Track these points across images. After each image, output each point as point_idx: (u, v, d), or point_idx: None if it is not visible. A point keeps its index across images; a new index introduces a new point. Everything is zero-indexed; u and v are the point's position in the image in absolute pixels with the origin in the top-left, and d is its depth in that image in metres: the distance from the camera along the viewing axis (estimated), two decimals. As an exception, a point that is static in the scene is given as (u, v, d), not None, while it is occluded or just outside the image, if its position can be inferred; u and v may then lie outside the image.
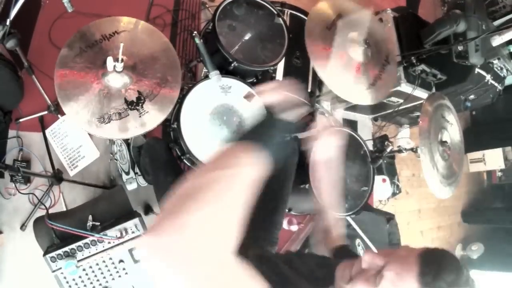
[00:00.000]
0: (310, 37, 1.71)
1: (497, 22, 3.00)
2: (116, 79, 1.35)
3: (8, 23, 1.20)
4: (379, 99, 1.90)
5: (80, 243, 1.30)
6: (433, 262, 0.67)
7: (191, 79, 2.22)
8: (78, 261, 1.30)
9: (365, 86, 1.83)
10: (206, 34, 1.82)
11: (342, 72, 1.77)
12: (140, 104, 1.36)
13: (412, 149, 1.99)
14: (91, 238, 1.31)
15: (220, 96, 1.56)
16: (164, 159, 1.45)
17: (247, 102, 1.60)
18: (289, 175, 1.50)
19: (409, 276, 0.66)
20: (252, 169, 0.58)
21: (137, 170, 1.90)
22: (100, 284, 1.35)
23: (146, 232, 0.57)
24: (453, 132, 1.98)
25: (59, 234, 1.33)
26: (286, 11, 1.99)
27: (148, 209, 1.94)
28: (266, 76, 1.86)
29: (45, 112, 1.82)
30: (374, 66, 1.91)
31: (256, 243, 1.23)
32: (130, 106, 1.35)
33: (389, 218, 2.69)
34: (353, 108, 2.90)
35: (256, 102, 1.03)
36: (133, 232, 1.36)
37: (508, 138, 3.77)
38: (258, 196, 1.33)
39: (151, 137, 1.51)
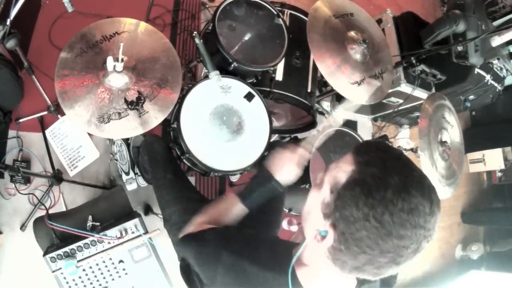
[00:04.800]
0: (312, 40, 1.72)
1: (496, 22, 3.01)
2: (116, 79, 1.35)
3: (8, 23, 1.20)
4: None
5: (80, 243, 1.30)
6: (367, 142, 0.75)
7: (191, 79, 2.22)
8: (78, 261, 1.30)
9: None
10: (206, 34, 1.82)
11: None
12: (140, 104, 1.36)
13: (412, 149, 1.99)
14: (91, 238, 1.31)
15: (220, 96, 1.56)
16: (163, 156, 1.45)
17: (247, 102, 1.61)
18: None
19: (346, 156, 0.67)
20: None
21: (137, 170, 1.90)
22: (100, 285, 1.35)
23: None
24: (453, 132, 1.98)
25: (59, 234, 1.33)
26: (286, 12, 1.99)
27: (148, 209, 1.94)
28: (266, 77, 1.86)
29: (45, 112, 1.82)
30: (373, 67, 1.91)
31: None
32: (130, 106, 1.35)
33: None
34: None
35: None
36: (133, 233, 1.36)
37: (508, 138, 3.76)
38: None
39: (149, 134, 1.51)
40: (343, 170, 0.65)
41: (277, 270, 0.75)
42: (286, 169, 0.98)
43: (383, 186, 0.58)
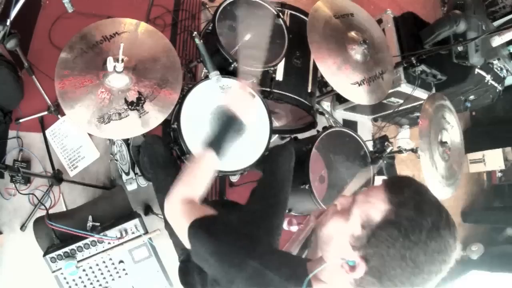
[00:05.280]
0: (313, 40, 1.72)
1: (497, 23, 3.00)
2: (117, 79, 1.35)
3: (8, 23, 1.20)
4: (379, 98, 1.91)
5: (80, 243, 1.30)
6: (398, 179, 0.73)
7: (191, 80, 2.22)
8: (78, 261, 1.30)
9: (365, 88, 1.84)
10: (206, 34, 1.82)
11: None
12: (140, 105, 1.36)
13: (412, 150, 1.99)
14: (91, 238, 1.31)
15: (220, 97, 1.56)
16: (163, 158, 1.43)
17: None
18: (286, 180, 1.50)
19: (377, 191, 0.70)
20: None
21: (137, 170, 1.90)
22: (100, 285, 1.35)
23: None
24: (453, 132, 1.98)
25: (59, 235, 1.33)
26: (286, 12, 1.99)
27: (148, 210, 1.94)
28: (266, 77, 1.86)
29: (45, 113, 1.82)
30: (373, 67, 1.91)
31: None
32: (130, 107, 1.35)
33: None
34: (353, 108, 2.90)
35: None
36: (133, 233, 1.36)
37: (508, 138, 3.76)
38: (256, 203, 1.37)
39: (149, 135, 1.50)
40: (377, 208, 0.68)
41: (295, 282, 0.76)
42: (240, 102, 1.05)
43: (418, 229, 0.64)
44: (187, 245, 0.82)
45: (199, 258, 0.82)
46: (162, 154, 1.43)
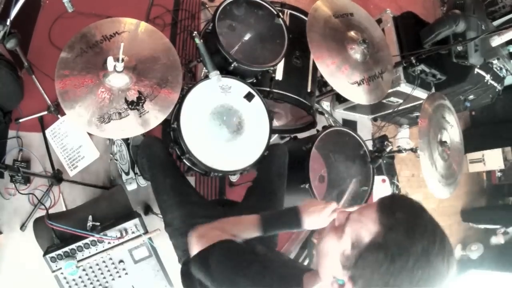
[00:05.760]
0: (312, 39, 1.72)
1: (496, 22, 3.01)
2: (117, 79, 1.35)
3: (8, 23, 1.20)
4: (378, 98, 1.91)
5: (80, 243, 1.31)
6: (392, 199, 0.71)
7: (191, 79, 2.22)
8: (78, 261, 1.30)
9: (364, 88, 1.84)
10: (206, 34, 1.82)
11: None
12: (141, 104, 1.36)
13: (411, 149, 2.00)
14: (91, 238, 1.31)
15: (220, 96, 1.56)
16: (162, 159, 1.43)
17: (247, 102, 1.61)
18: (281, 177, 1.51)
19: (369, 210, 0.69)
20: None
21: (137, 170, 1.90)
22: (100, 285, 1.35)
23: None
24: (452, 132, 1.98)
25: (59, 234, 1.33)
26: (286, 11, 1.99)
27: (148, 209, 1.94)
28: (266, 76, 1.86)
29: (45, 112, 1.82)
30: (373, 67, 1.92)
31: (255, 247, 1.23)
32: (130, 106, 1.35)
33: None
34: (353, 108, 2.90)
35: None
36: (133, 232, 1.36)
37: (507, 138, 3.77)
38: (253, 200, 1.38)
39: (147, 136, 1.48)
40: (367, 228, 0.66)
41: None
42: (315, 219, 0.98)
43: (406, 255, 0.61)
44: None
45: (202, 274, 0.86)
46: (160, 156, 1.43)
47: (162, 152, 1.45)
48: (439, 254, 0.62)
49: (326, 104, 2.80)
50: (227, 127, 1.53)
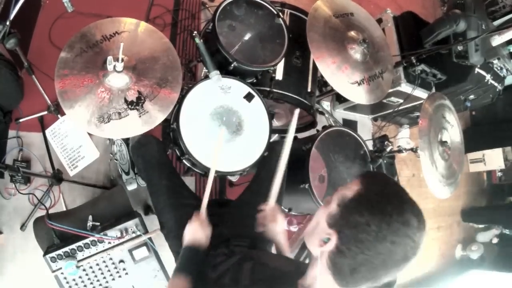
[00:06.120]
0: (312, 39, 1.72)
1: (497, 22, 3.00)
2: (116, 79, 1.35)
3: (8, 23, 1.20)
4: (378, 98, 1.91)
5: (80, 243, 1.30)
6: (373, 172, 0.81)
7: (191, 79, 2.22)
8: (78, 261, 1.30)
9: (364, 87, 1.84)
10: (206, 34, 1.82)
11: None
12: (140, 104, 1.36)
13: (412, 149, 1.99)
14: (91, 238, 1.31)
15: (220, 96, 1.56)
16: (157, 160, 1.41)
17: (247, 102, 1.60)
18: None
19: (353, 181, 0.79)
20: None
21: (137, 170, 1.90)
22: (100, 285, 1.35)
23: None
24: (453, 132, 1.98)
25: (59, 234, 1.33)
26: (286, 11, 1.99)
27: (148, 209, 1.94)
28: (266, 76, 1.86)
29: (45, 112, 1.82)
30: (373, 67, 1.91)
31: (252, 244, 1.23)
32: (130, 106, 1.35)
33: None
34: (353, 108, 2.90)
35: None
36: (133, 232, 1.36)
37: (508, 138, 3.77)
38: (251, 195, 1.37)
39: (143, 135, 1.46)
40: (350, 188, 0.76)
41: None
42: (189, 236, 1.12)
43: (384, 201, 0.72)
44: None
45: None
46: (155, 156, 1.41)
47: (158, 152, 1.43)
48: (411, 207, 0.72)
49: (326, 104, 2.80)
50: (226, 127, 1.52)
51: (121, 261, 1.36)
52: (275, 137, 2.35)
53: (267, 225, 1.23)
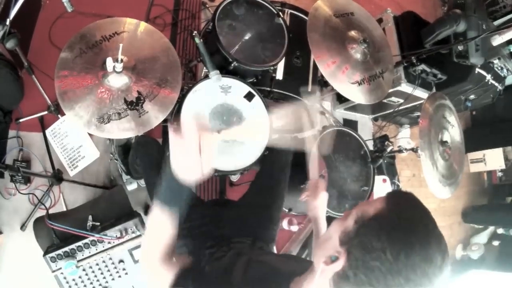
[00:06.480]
0: (313, 39, 1.71)
1: (497, 22, 3.00)
2: (116, 79, 1.35)
3: (8, 23, 1.20)
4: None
5: (80, 243, 1.30)
6: (403, 192, 0.72)
7: (191, 79, 2.22)
8: (78, 261, 1.30)
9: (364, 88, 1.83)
10: (206, 34, 1.82)
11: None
12: (140, 104, 1.36)
13: (412, 149, 1.99)
14: (91, 238, 1.31)
15: (220, 96, 1.56)
16: (157, 160, 1.40)
17: (247, 101, 1.60)
18: (284, 172, 1.50)
19: (379, 198, 0.69)
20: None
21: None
22: (100, 284, 1.35)
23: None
24: (453, 132, 1.98)
25: (59, 234, 1.33)
26: (286, 11, 1.99)
27: (148, 209, 1.94)
28: (266, 76, 1.85)
29: (45, 112, 1.82)
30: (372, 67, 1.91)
31: (254, 243, 1.23)
32: (130, 106, 1.35)
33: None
34: (354, 108, 2.90)
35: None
36: (133, 232, 1.36)
37: (508, 138, 3.76)
38: (253, 194, 1.35)
39: (142, 135, 1.45)
40: (373, 206, 0.67)
41: None
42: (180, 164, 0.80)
43: (409, 228, 0.62)
44: None
45: None
46: (156, 156, 1.41)
47: (157, 152, 1.43)
48: (438, 242, 0.62)
49: (326, 104, 2.80)
50: (227, 126, 1.52)
51: (121, 261, 1.36)
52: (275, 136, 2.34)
53: (308, 199, 1.24)
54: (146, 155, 1.42)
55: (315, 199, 1.22)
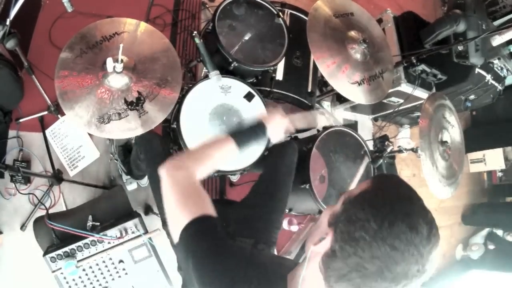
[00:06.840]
0: (313, 39, 1.72)
1: (497, 22, 3.00)
2: (116, 79, 1.35)
3: (8, 23, 1.20)
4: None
5: (80, 243, 1.30)
6: (387, 175, 0.74)
7: (191, 79, 2.22)
8: (78, 261, 1.30)
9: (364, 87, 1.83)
10: (206, 34, 1.82)
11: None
12: (140, 105, 1.36)
13: (412, 149, 1.99)
14: (91, 238, 1.30)
15: (220, 96, 1.56)
16: (161, 157, 1.39)
17: (247, 102, 1.60)
18: (288, 175, 1.50)
19: (364, 181, 0.72)
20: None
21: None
22: (100, 285, 1.34)
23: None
24: (453, 132, 1.98)
25: (59, 234, 1.33)
26: (286, 11, 1.99)
27: (148, 209, 1.94)
28: (266, 76, 1.85)
29: (45, 112, 1.82)
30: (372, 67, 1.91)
31: (256, 244, 1.23)
32: (130, 107, 1.35)
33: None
34: (354, 108, 2.90)
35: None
36: (133, 232, 1.35)
37: (508, 138, 3.76)
38: (257, 196, 1.35)
39: (146, 132, 1.43)
40: (359, 188, 0.69)
41: None
42: (277, 127, 1.10)
43: (392, 198, 0.63)
44: (175, 238, 0.77)
45: (182, 259, 0.81)
46: (160, 153, 1.41)
47: (162, 149, 1.43)
48: (422, 213, 0.62)
49: (326, 104, 2.80)
50: (227, 127, 1.52)
51: (121, 261, 1.35)
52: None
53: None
54: (150, 150, 1.41)
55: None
